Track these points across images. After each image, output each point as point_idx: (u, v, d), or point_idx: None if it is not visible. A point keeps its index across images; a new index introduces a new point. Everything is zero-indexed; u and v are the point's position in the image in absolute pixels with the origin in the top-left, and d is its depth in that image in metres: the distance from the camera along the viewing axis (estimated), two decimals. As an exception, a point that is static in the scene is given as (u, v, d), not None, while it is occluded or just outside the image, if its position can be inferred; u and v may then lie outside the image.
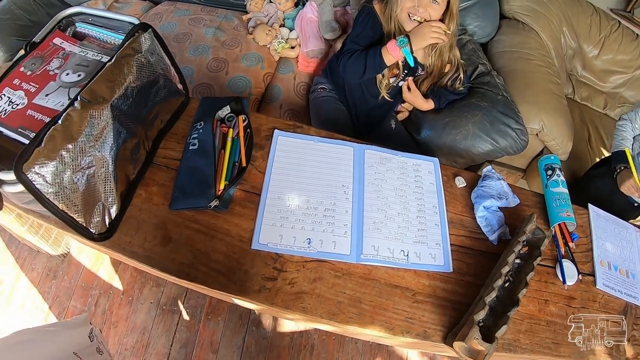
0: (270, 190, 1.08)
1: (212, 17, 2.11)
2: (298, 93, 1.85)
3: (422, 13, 1.39)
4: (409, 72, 1.60)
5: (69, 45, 1.06)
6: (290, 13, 2.11)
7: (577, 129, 2.14)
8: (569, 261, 1.12)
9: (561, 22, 2.27)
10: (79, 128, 0.84)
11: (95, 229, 0.95)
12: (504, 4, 2.19)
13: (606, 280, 1.14)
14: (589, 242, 1.21)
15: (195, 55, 1.84)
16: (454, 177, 1.23)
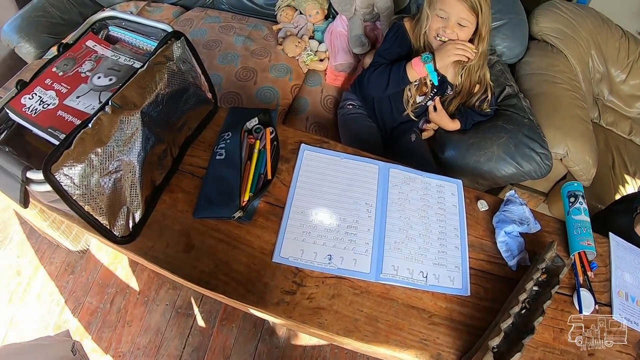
0: (294, 204, 1.09)
1: (242, 26, 2.13)
2: (325, 106, 1.86)
3: (450, 34, 1.40)
4: (437, 92, 1.60)
5: (102, 49, 1.09)
6: (320, 25, 2.13)
7: (601, 155, 2.11)
8: (586, 290, 1.11)
9: (590, 46, 2.24)
10: (108, 132, 0.86)
11: (119, 232, 0.96)
12: (534, 25, 2.18)
13: (623, 312, 1.11)
14: (608, 271, 1.19)
15: (224, 63, 1.86)
16: (477, 200, 1.22)
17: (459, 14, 1.36)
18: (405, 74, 1.46)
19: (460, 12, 1.35)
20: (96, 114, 0.85)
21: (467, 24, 1.37)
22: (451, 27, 1.39)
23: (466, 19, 1.36)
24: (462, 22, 1.37)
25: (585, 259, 1.15)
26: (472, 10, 1.35)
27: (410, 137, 1.68)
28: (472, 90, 1.59)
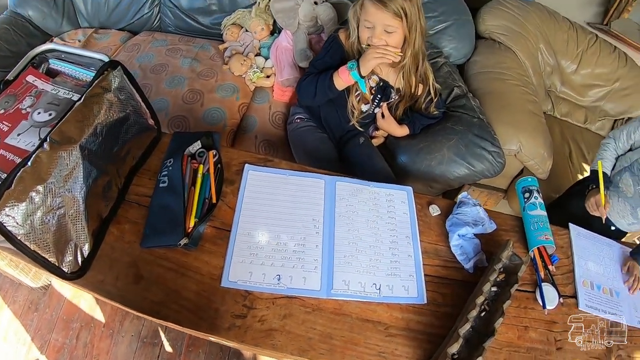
0: (240, 227, 1.07)
1: (189, 47, 2.13)
2: (274, 123, 1.85)
3: (378, 42, 1.41)
4: (382, 98, 1.61)
5: (42, 83, 1.07)
6: (266, 42, 2.13)
7: (557, 146, 2.15)
8: (549, 285, 1.11)
9: (538, 40, 2.29)
10: (48, 169, 0.84)
11: (68, 268, 0.94)
12: (480, 24, 2.22)
13: (589, 301, 1.12)
14: (571, 263, 1.20)
15: (171, 87, 1.84)
16: (428, 205, 1.22)
17: (383, 21, 1.37)
18: (332, 82, 1.47)
19: (384, 19, 1.37)
20: (35, 152, 0.83)
21: (394, 29, 1.39)
22: (378, 35, 1.40)
23: (391, 25, 1.37)
24: (388, 29, 1.38)
25: (545, 254, 1.16)
26: (396, 16, 1.35)
27: (359, 140, 1.68)
28: (415, 93, 1.60)
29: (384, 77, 1.56)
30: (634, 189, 1.42)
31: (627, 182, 1.44)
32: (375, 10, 1.36)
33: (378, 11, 1.35)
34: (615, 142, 1.49)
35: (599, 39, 2.42)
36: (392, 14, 1.34)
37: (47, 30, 2.29)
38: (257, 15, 2.10)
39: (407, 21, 1.37)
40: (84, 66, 1.14)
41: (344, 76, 1.45)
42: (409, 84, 1.56)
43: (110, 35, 2.27)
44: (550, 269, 1.14)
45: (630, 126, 1.46)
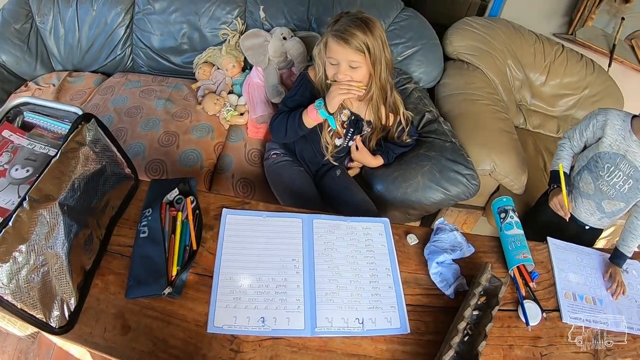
0: (222, 272, 1.08)
1: (162, 88, 2.14)
2: (250, 161, 1.85)
3: (344, 78, 1.43)
4: (355, 131, 1.63)
5: (17, 138, 1.07)
6: (237, 79, 2.15)
7: (531, 158, 2.19)
8: (531, 301, 1.13)
9: (505, 56, 2.35)
10: (29, 229, 0.84)
11: (56, 323, 0.94)
12: (447, 45, 2.27)
13: (572, 312, 1.14)
14: (551, 276, 1.22)
15: (146, 130, 1.84)
16: (406, 235, 1.24)
17: (346, 57, 1.39)
18: (301, 121, 1.49)
19: (347, 55, 1.38)
20: (15, 212, 0.83)
21: (358, 64, 1.40)
22: (343, 72, 1.41)
23: (355, 60, 1.39)
24: (352, 64, 1.40)
25: (525, 271, 1.18)
26: (358, 51, 1.37)
27: (335, 173, 1.71)
28: (387, 123, 1.62)
29: (355, 111, 1.58)
30: (594, 185, 1.46)
31: (587, 181, 1.48)
32: (338, 48, 1.38)
33: (341, 48, 1.37)
34: (570, 142, 1.52)
35: (565, 48, 2.49)
36: (355, 49, 1.36)
37: (21, 74, 2.29)
38: (228, 52, 2.13)
39: (370, 56, 1.38)
40: (59, 118, 1.14)
41: (312, 115, 1.47)
42: (379, 115, 1.58)
43: (84, 78, 2.28)
44: (531, 286, 1.17)
45: (581, 124, 1.49)
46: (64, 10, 2.23)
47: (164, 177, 1.69)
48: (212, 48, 2.21)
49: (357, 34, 1.34)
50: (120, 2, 2.22)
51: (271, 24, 2.17)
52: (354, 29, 1.35)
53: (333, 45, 1.39)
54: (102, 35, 2.26)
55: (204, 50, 2.23)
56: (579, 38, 2.53)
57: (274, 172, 1.72)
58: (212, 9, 2.18)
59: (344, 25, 1.36)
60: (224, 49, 2.14)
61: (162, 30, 2.24)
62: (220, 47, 2.18)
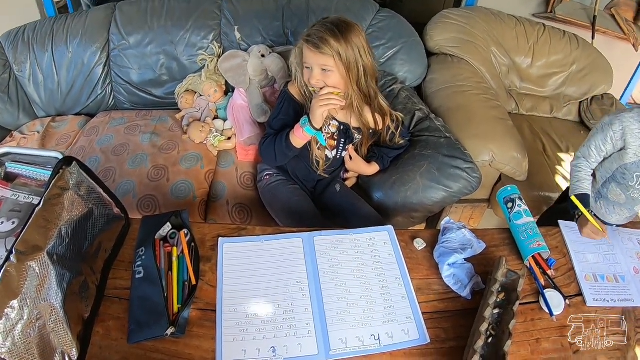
0: (225, 304, 1.03)
1: (146, 122, 2.12)
2: (243, 184, 1.82)
3: (317, 83, 1.42)
4: (346, 141, 1.60)
5: (1, 190, 1.04)
6: (221, 103, 2.14)
7: (529, 143, 2.17)
8: (552, 290, 1.08)
9: (488, 43, 2.34)
10: (19, 283, 0.81)
11: None
12: (429, 41, 2.26)
13: (595, 295, 1.10)
14: (569, 260, 1.18)
15: (134, 167, 1.81)
16: (413, 240, 1.20)
17: (317, 62, 1.38)
18: (289, 142, 1.47)
19: (318, 60, 1.38)
20: (2, 266, 0.81)
21: (331, 68, 1.39)
22: (316, 76, 1.41)
23: (326, 64, 1.38)
24: (325, 67, 1.39)
25: (541, 260, 1.13)
26: (327, 56, 1.36)
27: (335, 188, 1.68)
28: (376, 128, 1.59)
29: (342, 120, 1.56)
30: (625, 196, 1.37)
31: (616, 192, 1.39)
32: (309, 52, 1.38)
33: (311, 53, 1.38)
34: (587, 160, 1.37)
35: (547, 27, 2.48)
36: (324, 54, 1.36)
37: (5, 125, 2.27)
38: (208, 78, 2.11)
39: (341, 60, 1.37)
40: (41, 165, 1.12)
41: (299, 134, 1.44)
42: (366, 121, 1.55)
43: (67, 122, 2.26)
44: (549, 274, 1.12)
45: (595, 139, 1.36)
46: (40, 56, 2.23)
47: (157, 212, 1.65)
48: (192, 75, 2.20)
49: (328, 38, 1.34)
50: (95, 41, 2.21)
51: (248, 44, 2.16)
52: (325, 33, 1.35)
53: (305, 51, 1.40)
54: (80, 76, 2.25)
55: (184, 79, 2.22)
56: (559, 15, 2.53)
57: (268, 193, 1.68)
58: (187, 36, 2.18)
59: (316, 31, 1.37)
60: (204, 75, 2.13)
61: (139, 64, 2.22)
62: (199, 74, 2.17)
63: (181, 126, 2.10)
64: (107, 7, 2.27)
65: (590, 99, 2.50)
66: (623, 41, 2.65)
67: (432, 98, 2.05)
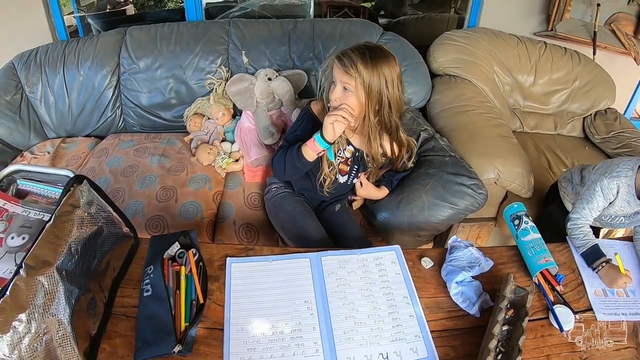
0: (232, 323, 1.04)
1: (155, 144, 2.15)
2: (250, 205, 1.83)
3: (336, 100, 1.42)
4: (359, 168, 1.61)
5: (12, 206, 1.05)
6: (229, 126, 2.17)
7: (534, 160, 2.17)
8: (561, 305, 1.08)
9: (491, 63, 2.36)
10: (27, 297, 0.82)
11: None
12: (432, 62, 2.30)
13: (605, 309, 1.10)
14: (577, 275, 1.18)
15: (143, 188, 1.84)
16: (420, 259, 1.20)
17: (341, 78, 1.38)
18: (300, 153, 1.46)
19: (341, 76, 1.38)
20: (12, 280, 0.81)
21: (351, 88, 1.38)
22: (337, 93, 1.41)
23: (348, 84, 1.38)
24: (346, 86, 1.39)
25: (549, 276, 1.14)
26: (349, 75, 1.36)
27: (335, 207, 1.69)
28: (392, 156, 1.61)
29: (359, 147, 1.56)
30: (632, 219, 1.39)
31: (623, 223, 1.42)
32: (337, 68, 1.39)
33: (337, 68, 1.38)
34: (584, 219, 1.36)
35: (548, 45, 2.50)
36: (346, 72, 1.36)
37: (16, 145, 2.30)
38: (216, 101, 2.15)
39: (363, 85, 1.36)
40: (52, 183, 1.13)
41: (310, 144, 1.44)
42: (384, 149, 1.56)
43: (77, 143, 2.29)
44: (558, 290, 1.12)
45: (595, 202, 1.36)
46: (51, 78, 2.27)
47: (165, 233, 1.67)
48: (201, 99, 2.24)
49: (356, 60, 1.35)
50: (106, 64, 2.25)
51: (255, 67, 2.20)
52: (355, 54, 1.36)
53: (334, 66, 1.41)
54: (91, 99, 2.29)
55: (193, 102, 2.26)
56: (560, 32, 2.56)
57: (274, 204, 1.69)
58: (196, 61, 2.22)
59: (350, 50, 1.38)
60: (212, 98, 2.16)
61: (149, 88, 2.27)
62: (208, 97, 2.21)
63: (189, 148, 2.12)
64: (118, 32, 2.32)
65: (594, 114, 2.51)
66: (624, 55, 2.67)
67: (437, 118, 2.07)
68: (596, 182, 1.35)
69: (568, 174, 1.69)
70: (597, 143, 2.39)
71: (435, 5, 4.03)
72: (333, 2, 3.77)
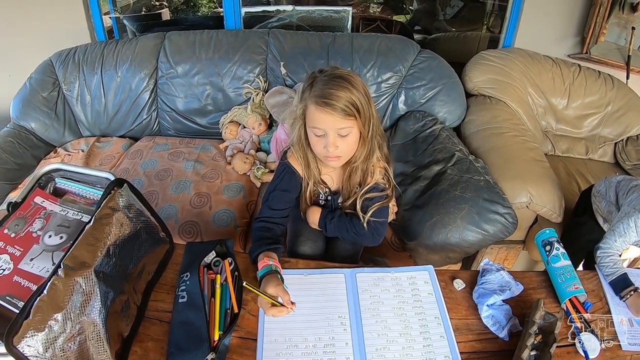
0: (266, 334, 1.05)
1: (190, 150, 2.18)
2: None
3: (334, 152, 1.19)
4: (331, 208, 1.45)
5: (50, 204, 1.08)
6: (264, 136, 2.18)
7: (565, 184, 2.14)
8: (587, 333, 1.07)
9: (525, 84, 2.34)
10: (64, 297, 0.84)
11: None
12: (468, 82, 2.29)
13: (631, 339, 1.09)
14: (605, 304, 1.17)
15: (177, 193, 1.86)
16: (452, 280, 1.20)
17: (335, 126, 1.15)
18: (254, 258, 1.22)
19: (336, 123, 1.15)
20: (50, 279, 0.83)
21: (349, 130, 1.17)
22: (332, 144, 1.17)
23: (346, 127, 1.16)
24: (341, 132, 1.16)
25: (577, 303, 1.13)
26: (348, 116, 1.14)
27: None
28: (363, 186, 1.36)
29: (330, 184, 1.40)
30: None
31: None
32: (323, 115, 1.14)
33: (327, 115, 1.13)
34: (616, 250, 1.31)
35: (582, 68, 2.47)
36: (343, 115, 1.13)
37: (50, 141, 2.36)
38: (253, 111, 2.17)
39: (360, 116, 1.16)
40: (90, 184, 1.15)
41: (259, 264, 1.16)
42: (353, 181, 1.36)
43: (112, 143, 2.33)
44: (585, 317, 1.11)
45: (622, 235, 1.32)
46: (89, 78, 2.32)
47: (198, 239, 1.69)
48: (237, 107, 2.27)
49: (342, 95, 1.12)
50: (144, 68, 2.29)
51: (293, 79, 2.22)
52: (336, 90, 1.12)
53: (316, 114, 1.15)
54: (127, 100, 2.33)
55: (229, 110, 2.28)
56: (594, 55, 2.52)
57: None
58: (234, 69, 2.25)
59: (324, 89, 1.13)
60: (249, 108, 2.19)
61: (185, 93, 2.30)
62: (245, 106, 2.24)
63: (224, 156, 2.14)
64: (157, 36, 2.36)
65: (626, 140, 2.46)
66: (658, 80, 2.61)
67: (471, 139, 2.07)
68: (630, 216, 1.32)
69: (602, 188, 1.65)
70: (627, 169, 2.34)
71: (468, 22, 4.00)
72: (365, 15, 3.78)
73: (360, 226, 1.33)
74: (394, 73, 2.19)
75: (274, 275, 1.10)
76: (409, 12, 4.65)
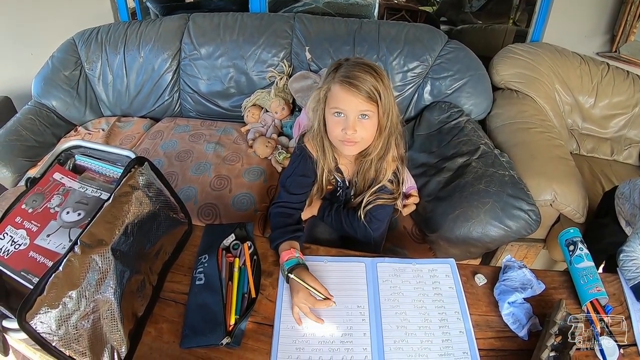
0: (283, 320, 1.04)
1: (211, 132, 2.18)
2: None
3: (352, 136, 1.18)
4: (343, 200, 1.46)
5: (69, 181, 1.07)
6: (287, 121, 2.17)
7: (589, 185, 2.10)
8: (607, 337, 1.04)
9: (553, 80, 2.29)
10: (80, 274, 0.83)
11: None
12: (495, 75, 2.25)
13: None
14: (625, 309, 1.14)
15: (197, 174, 1.86)
16: (473, 275, 1.18)
17: (357, 107, 1.16)
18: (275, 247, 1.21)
19: (358, 105, 1.15)
20: (66, 256, 0.82)
21: (369, 114, 1.17)
22: (352, 126, 1.17)
23: (367, 110, 1.16)
24: (363, 113, 1.17)
25: (598, 306, 1.10)
26: (370, 99, 1.14)
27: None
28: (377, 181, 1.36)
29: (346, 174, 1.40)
30: None
31: None
32: (347, 96, 1.14)
33: (350, 96, 1.14)
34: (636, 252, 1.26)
35: (610, 67, 2.41)
36: (366, 97, 1.14)
37: (71, 119, 2.38)
38: (276, 95, 2.16)
39: (381, 105, 1.16)
40: (110, 162, 1.14)
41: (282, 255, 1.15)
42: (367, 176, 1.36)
43: (133, 123, 2.34)
44: (606, 321, 1.08)
45: None
46: (111, 58, 2.34)
47: (217, 222, 1.68)
48: (260, 91, 2.25)
49: (367, 79, 1.13)
50: (167, 49, 2.30)
51: (318, 64, 2.20)
52: (362, 74, 1.13)
53: (340, 94, 1.16)
54: (149, 81, 2.34)
55: (252, 94, 2.27)
56: (623, 54, 2.46)
57: None
58: (258, 52, 2.24)
59: (350, 71, 1.15)
60: (273, 92, 2.18)
61: (208, 75, 2.30)
62: (268, 90, 2.22)
63: (246, 139, 2.13)
64: (181, 17, 2.36)
65: (652, 144, 2.40)
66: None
67: (497, 133, 2.04)
68: None
69: (627, 190, 1.62)
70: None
71: (495, 15, 3.96)
72: (391, 4, 3.74)
73: (355, 220, 1.37)
74: (420, 62, 2.16)
75: (303, 268, 1.10)
76: (435, 3, 4.60)
